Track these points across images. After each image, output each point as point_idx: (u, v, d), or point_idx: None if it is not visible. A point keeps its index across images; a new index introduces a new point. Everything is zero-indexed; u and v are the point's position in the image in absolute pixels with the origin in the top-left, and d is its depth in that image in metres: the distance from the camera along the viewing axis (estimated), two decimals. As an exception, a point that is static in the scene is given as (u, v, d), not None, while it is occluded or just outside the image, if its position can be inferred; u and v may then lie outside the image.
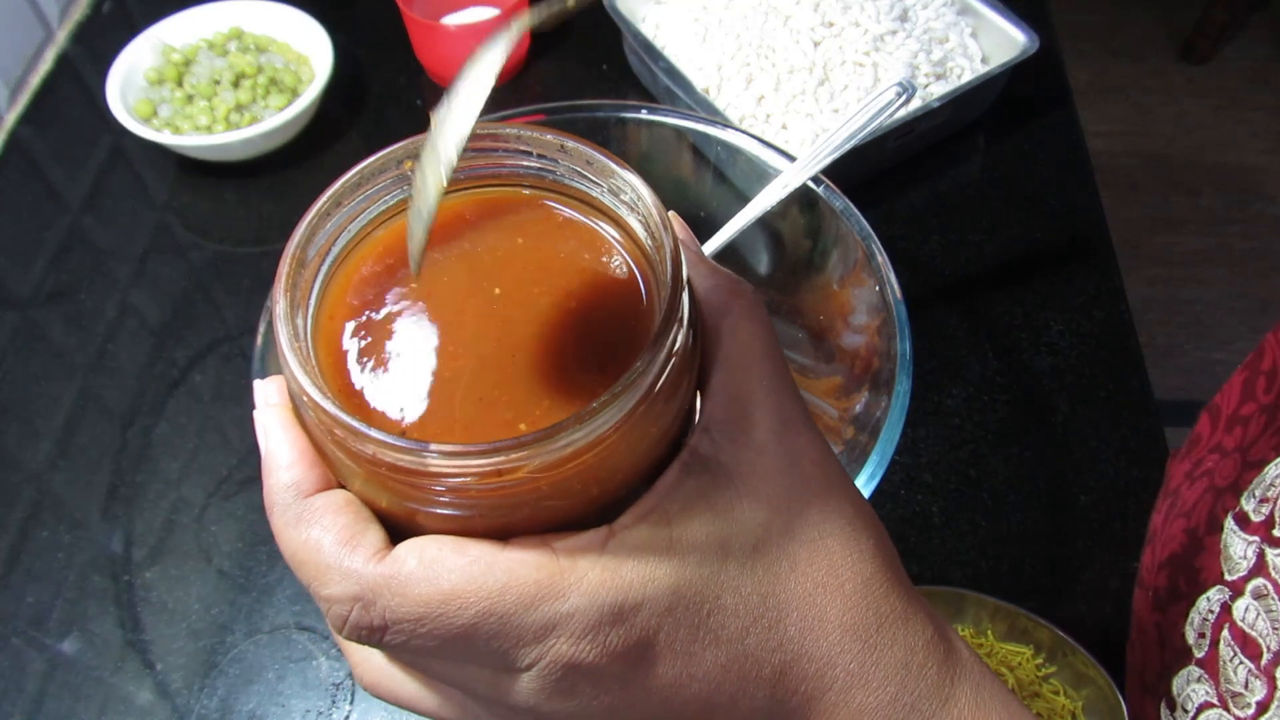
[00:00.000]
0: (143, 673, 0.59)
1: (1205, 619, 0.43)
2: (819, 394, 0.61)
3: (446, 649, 0.25)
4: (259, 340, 0.54)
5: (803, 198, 0.58)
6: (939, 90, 0.78)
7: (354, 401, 0.27)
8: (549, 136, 0.29)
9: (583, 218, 0.30)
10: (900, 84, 0.58)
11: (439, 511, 0.25)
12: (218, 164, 0.82)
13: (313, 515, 0.26)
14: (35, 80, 0.90)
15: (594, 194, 0.29)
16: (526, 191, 0.30)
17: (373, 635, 0.25)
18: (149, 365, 0.72)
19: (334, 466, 0.27)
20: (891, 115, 0.58)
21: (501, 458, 0.24)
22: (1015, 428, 0.67)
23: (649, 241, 0.28)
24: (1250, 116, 2.07)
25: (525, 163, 0.30)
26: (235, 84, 0.81)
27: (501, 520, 0.25)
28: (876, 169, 0.80)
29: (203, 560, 0.63)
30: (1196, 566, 0.46)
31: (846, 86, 0.77)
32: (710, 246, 0.58)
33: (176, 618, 0.61)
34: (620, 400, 0.24)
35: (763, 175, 0.60)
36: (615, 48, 0.87)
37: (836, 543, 0.27)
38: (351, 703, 0.58)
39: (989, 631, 0.57)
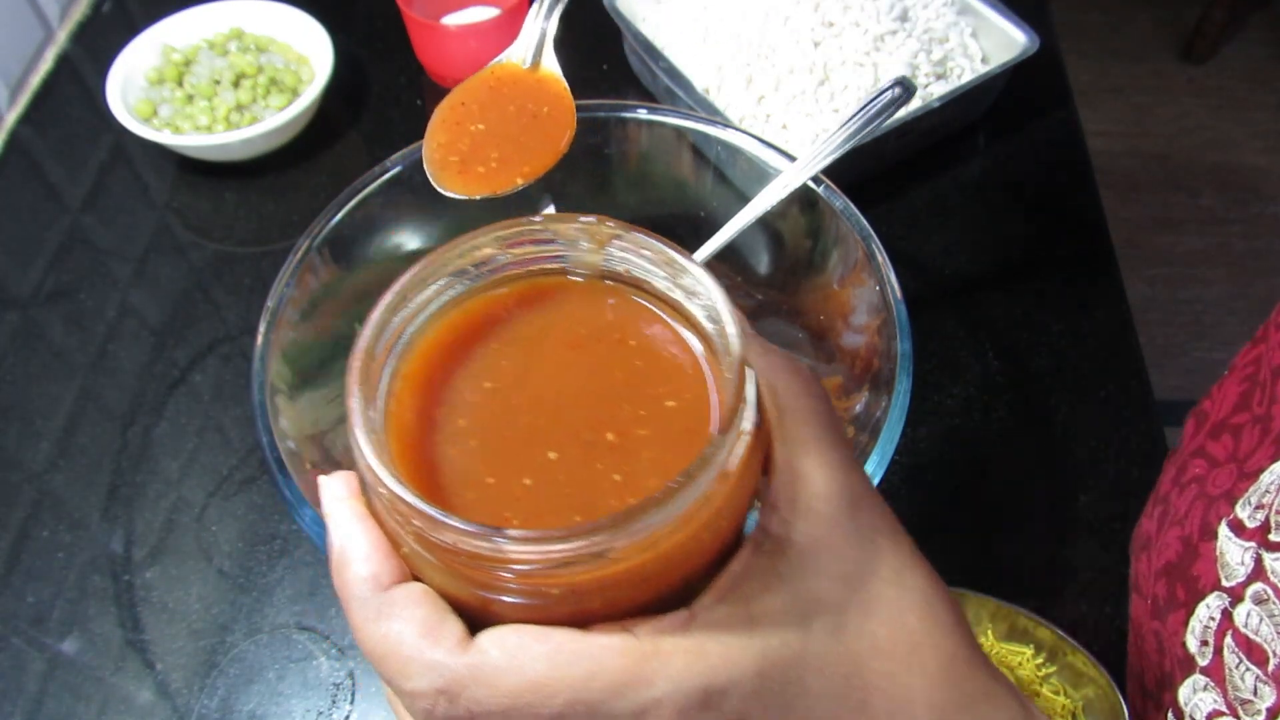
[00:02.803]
0: (143, 673, 0.59)
1: (1206, 626, 0.43)
2: (819, 394, 0.61)
3: None
4: (259, 340, 0.54)
5: (803, 198, 0.58)
6: (939, 90, 0.78)
7: (427, 490, 0.27)
8: (609, 226, 0.30)
9: (645, 304, 0.31)
10: (900, 84, 0.58)
11: (518, 601, 0.25)
12: (218, 164, 0.82)
13: (392, 608, 0.26)
14: (35, 80, 0.90)
15: (656, 283, 0.30)
16: (584, 279, 0.31)
17: None
18: (149, 365, 0.72)
19: (408, 557, 0.27)
20: (891, 115, 0.58)
21: (580, 543, 0.24)
22: (1015, 428, 0.67)
23: (712, 327, 0.28)
24: (1250, 116, 2.07)
25: (584, 254, 0.30)
26: (235, 84, 0.82)
27: (580, 607, 0.25)
28: (876, 169, 0.80)
29: (203, 560, 0.63)
30: (1194, 574, 0.46)
31: (846, 86, 0.77)
32: (710, 246, 0.58)
33: (176, 618, 0.61)
34: (695, 483, 0.24)
35: (763, 175, 0.60)
36: (615, 48, 0.87)
37: (915, 619, 0.27)
38: (351, 703, 0.58)
39: (989, 631, 0.57)
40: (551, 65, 0.33)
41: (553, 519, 0.27)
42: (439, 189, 0.27)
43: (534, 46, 0.33)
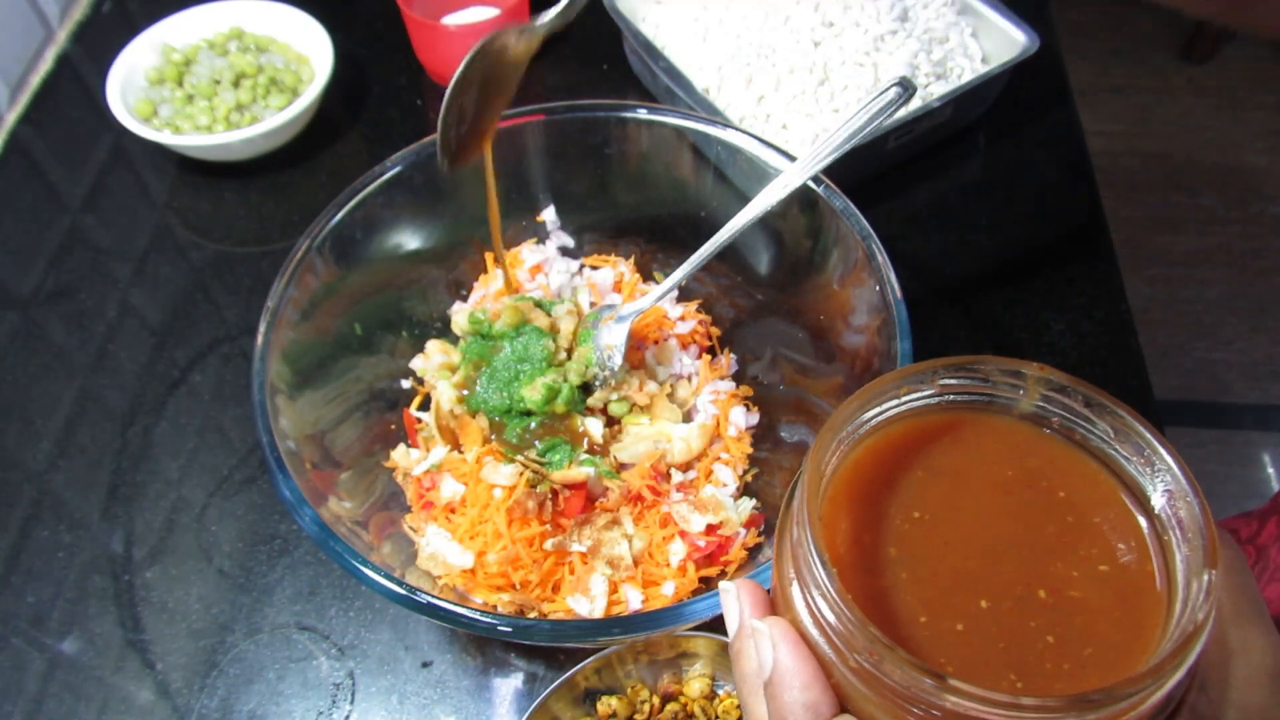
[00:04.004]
0: (143, 672, 0.59)
1: None
2: (819, 394, 0.61)
3: None
4: (259, 340, 0.54)
5: (803, 198, 0.58)
6: (939, 90, 0.78)
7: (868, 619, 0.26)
8: (1104, 403, 0.29)
9: (1077, 455, 0.30)
10: (900, 84, 0.58)
11: None
12: (218, 164, 0.82)
13: None
14: (35, 80, 0.90)
15: (1092, 437, 0.29)
16: (1009, 419, 0.30)
17: None
18: (149, 365, 0.72)
19: (838, 685, 0.27)
20: (891, 115, 0.58)
21: (1035, 715, 0.23)
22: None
23: (1163, 501, 0.28)
24: (1250, 116, 2.07)
25: (1059, 409, 0.30)
26: (235, 84, 0.82)
27: None
28: (876, 169, 0.80)
29: (203, 560, 0.63)
30: None
31: (846, 86, 0.77)
32: (710, 246, 0.58)
33: (176, 617, 0.61)
34: (1161, 683, 0.24)
35: (763, 175, 0.60)
36: (615, 48, 0.87)
37: None
38: (351, 703, 0.58)
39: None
40: None
41: (986, 670, 0.26)
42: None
43: None
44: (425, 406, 0.65)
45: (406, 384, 0.66)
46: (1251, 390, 1.65)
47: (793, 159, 0.58)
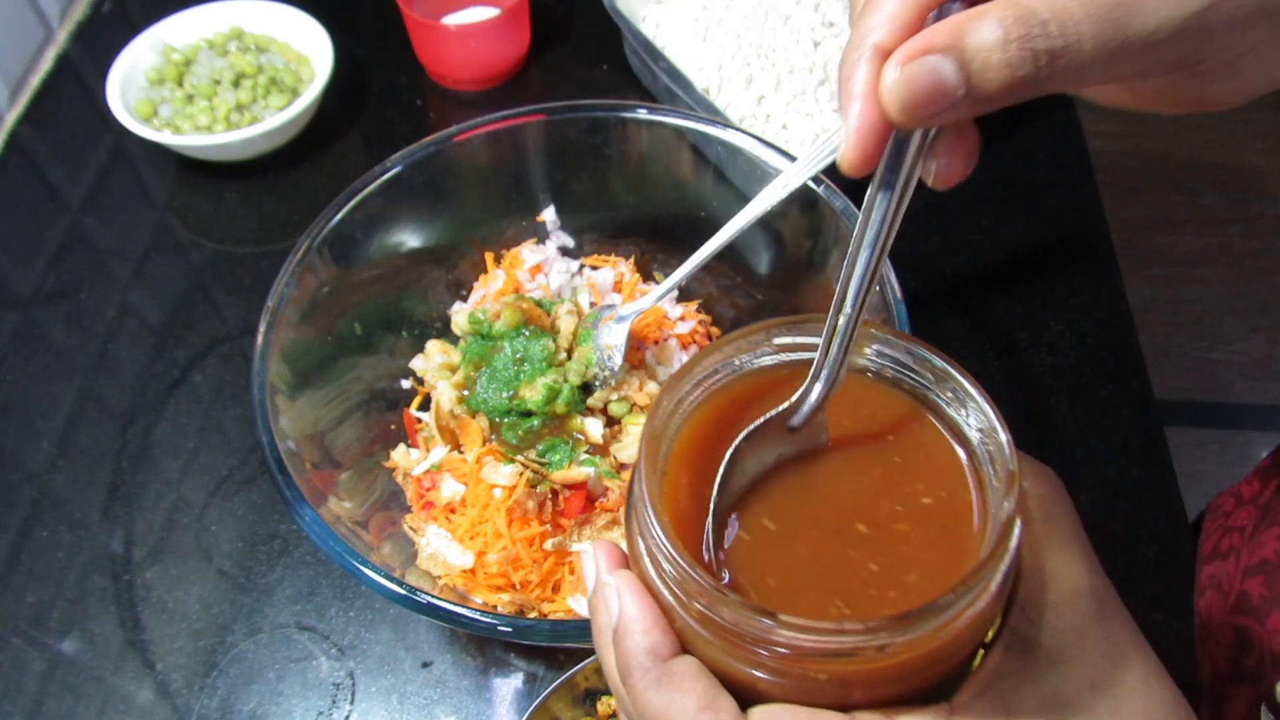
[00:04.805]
0: (143, 673, 0.59)
1: None
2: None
3: None
4: (259, 340, 0.54)
5: (803, 198, 0.58)
6: (939, 90, 0.78)
7: (703, 568, 0.28)
8: (875, 330, 0.31)
9: (904, 402, 0.32)
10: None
11: (785, 682, 0.27)
12: (218, 164, 0.82)
13: (672, 680, 0.27)
14: (35, 80, 0.90)
15: (917, 385, 0.31)
16: (878, 382, 0.32)
17: None
18: (149, 365, 0.72)
19: (682, 631, 0.28)
20: (891, 115, 0.58)
21: (857, 638, 0.25)
22: (1015, 428, 0.67)
23: (978, 436, 0.30)
24: (1250, 116, 2.07)
25: (887, 361, 0.31)
26: (235, 84, 0.82)
27: (845, 694, 0.27)
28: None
29: (203, 560, 0.63)
30: None
31: (846, 86, 0.77)
32: (710, 246, 0.58)
33: (176, 618, 0.61)
34: (973, 589, 0.26)
35: (763, 175, 0.60)
36: (615, 48, 0.87)
37: None
38: (351, 703, 0.58)
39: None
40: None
41: (813, 602, 0.28)
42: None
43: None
44: (425, 406, 0.65)
45: (406, 384, 0.66)
46: (1251, 390, 1.65)
47: (793, 159, 0.58)
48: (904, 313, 0.52)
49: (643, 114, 0.63)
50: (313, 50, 0.84)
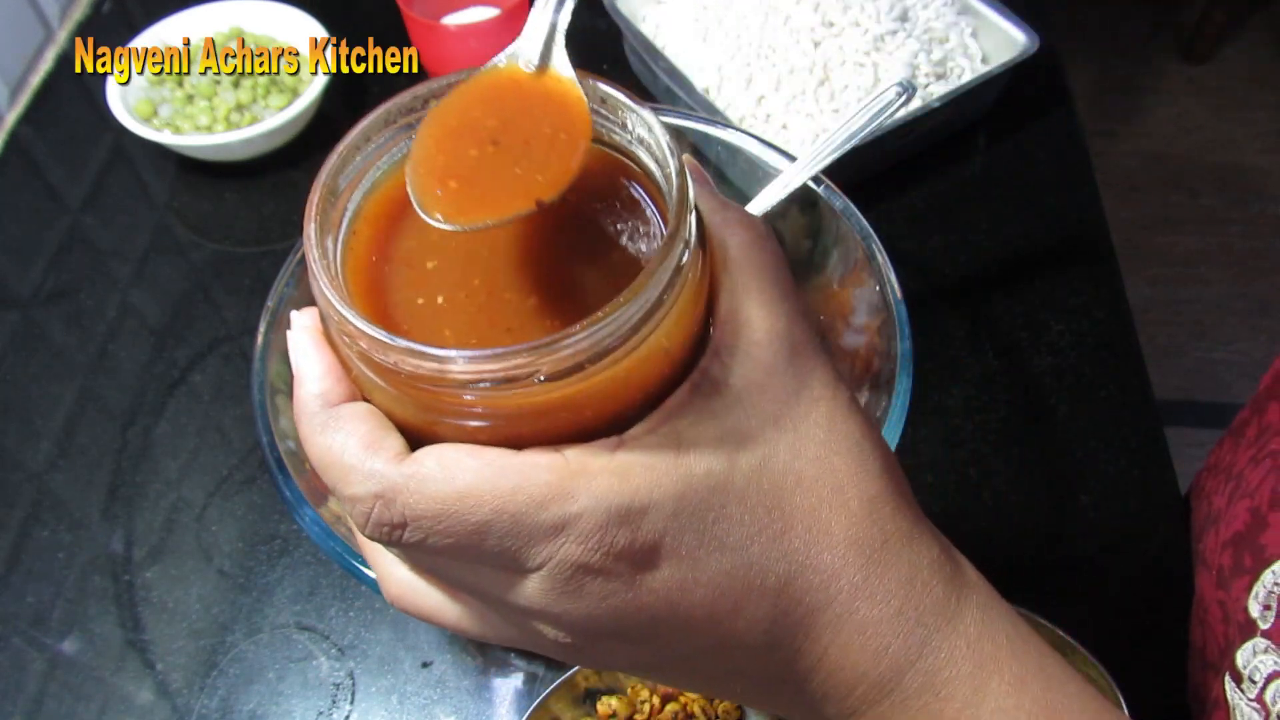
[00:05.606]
0: (143, 673, 0.59)
1: (1271, 591, 0.44)
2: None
3: (461, 548, 0.26)
4: (259, 340, 0.54)
5: (803, 198, 0.58)
6: (939, 90, 0.78)
7: (379, 318, 0.28)
8: (617, 96, 0.30)
9: (602, 148, 0.31)
10: (900, 84, 0.58)
11: (456, 423, 0.27)
12: (218, 164, 0.82)
13: (338, 422, 0.28)
14: (35, 80, 0.90)
15: (609, 131, 0.31)
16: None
17: (393, 532, 0.26)
18: (149, 365, 0.72)
19: (359, 382, 0.29)
20: (891, 115, 0.58)
21: (510, 362, 0.25)
22: (1015, 427, 0.67)
23: (657, 168, 0.29)
24: (1250, 116, 2.07)
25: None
26: (235, 84, 0.82)
27: (515, 431, 0.27)
28: (876, 169, 0.80)
29: (203, 560, 0.63)
30: (1261, 543, 0.47)
31: (846, 86, 0.77)
32: (710, 246, 0.58)
33: (176, 618, 0.61)
34: (623, 310, 0.25)
35: (763, 175, 0.60)
36: (615, 48, 0.87)
37: (843, 462, 0.28)
38: (351, 703, 0.58)
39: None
40: (563, 68, 0.32)
41: (482, 336, 0.28)
42: (431, 221, 0.27)
43: (541, 45, 0.32)
44: (425, 406, 0.65)
45: (406, 384, 0.66)
46: (1251, 390, 1.65)
47: (793, 159, 0.58)
48: (904, 313, 0.52)
49: (643, 114, 0.63)
50: (313, 50, 0.84)
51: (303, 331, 0.30)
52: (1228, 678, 0.46)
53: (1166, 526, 0.63)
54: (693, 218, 0.28)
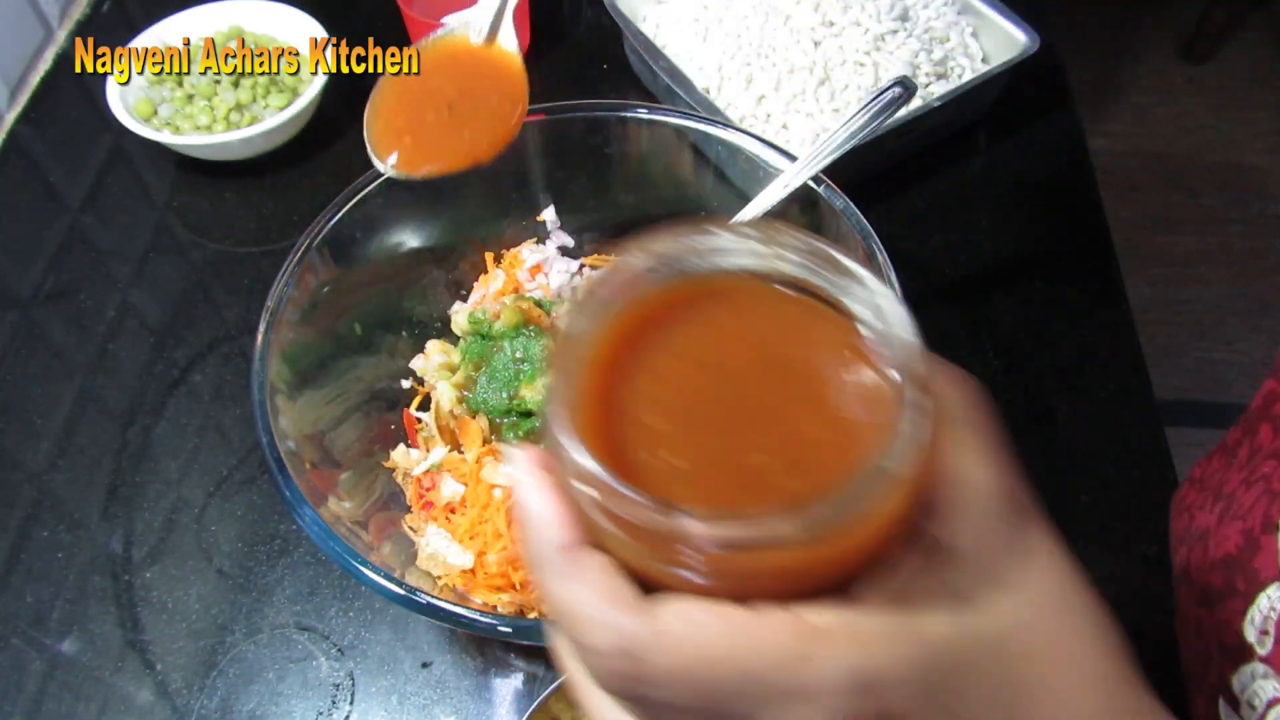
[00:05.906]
0: (143, 673, 0.59)
1: (1267, 616, 0.44)
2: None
3: (699, 709, 0.26)
4: (259, 340, 0.54)
5: (803, 198, 0.58)
6: (939, 90, 0.78)
7: (612, 465, 0.28)
8: (798, 239, 0.30)
9: (815, 306, 0.31)
10: (900, 84, 0.58)
11: (690, 576, 0.27)
12: (218, 164, 0.82)
13: (579, 571, 0.27)
14: (35, 80, 0.90)
15: (823, 286, 0.31)
16: (749, 281, 0.32)
17: (636, 686, 0.26)
18: (149, 365, 0.72)
19: (590, 526, 0.28)
20: (891, 115, 0.58)
21: (757, 531, 0.25)
22: (1015, 428, 0.67)
23: (879, 327, 0.29)
24: (1250, 116, 2.07)
25: (750, 258, 0.31)
26: (235, 84, 0.81)
27: (747, 586, 0.27)
28: (876, 169, 0.80)
29: (203, 560, 0.63)
30: (1254, 567, 0.47)
31: (847, 86, 0.77)
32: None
33: (176, 618, 0.61)
34: (877, 484, 0.25)
35: (763, 175, 0.60)
36: (615, 48, 0.87)
37: (1078, 642, 0.28)
38: (351, 703, 0.58)
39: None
40: (508, 42, 0.32)
41: (731, 505, 0.28)
42: (381, 168, 0.27)
43: (491, 18, 0.33)
44: (425, 406, 0.65)
45: (406, 384, 0.66)
46: (1251, 390, 1.64)
47: (793, 159, 0.58)
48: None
49: (643, 114, 0.63)
50: (312, 50, 0.84)
51: (531, 471, 0.29)
52: (1222, 701, 0.46)
53: (1166, 527, 0.63)
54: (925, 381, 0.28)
